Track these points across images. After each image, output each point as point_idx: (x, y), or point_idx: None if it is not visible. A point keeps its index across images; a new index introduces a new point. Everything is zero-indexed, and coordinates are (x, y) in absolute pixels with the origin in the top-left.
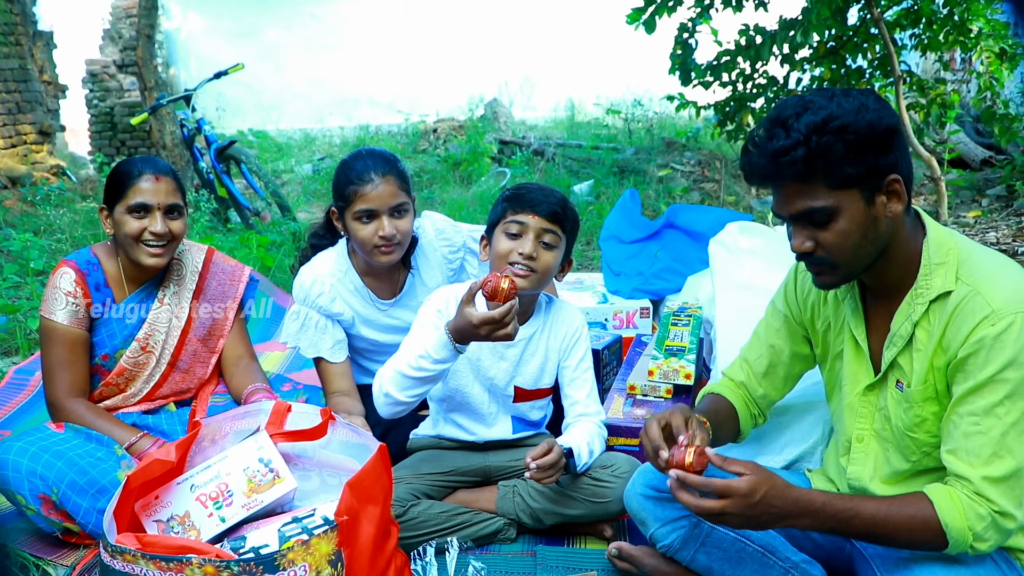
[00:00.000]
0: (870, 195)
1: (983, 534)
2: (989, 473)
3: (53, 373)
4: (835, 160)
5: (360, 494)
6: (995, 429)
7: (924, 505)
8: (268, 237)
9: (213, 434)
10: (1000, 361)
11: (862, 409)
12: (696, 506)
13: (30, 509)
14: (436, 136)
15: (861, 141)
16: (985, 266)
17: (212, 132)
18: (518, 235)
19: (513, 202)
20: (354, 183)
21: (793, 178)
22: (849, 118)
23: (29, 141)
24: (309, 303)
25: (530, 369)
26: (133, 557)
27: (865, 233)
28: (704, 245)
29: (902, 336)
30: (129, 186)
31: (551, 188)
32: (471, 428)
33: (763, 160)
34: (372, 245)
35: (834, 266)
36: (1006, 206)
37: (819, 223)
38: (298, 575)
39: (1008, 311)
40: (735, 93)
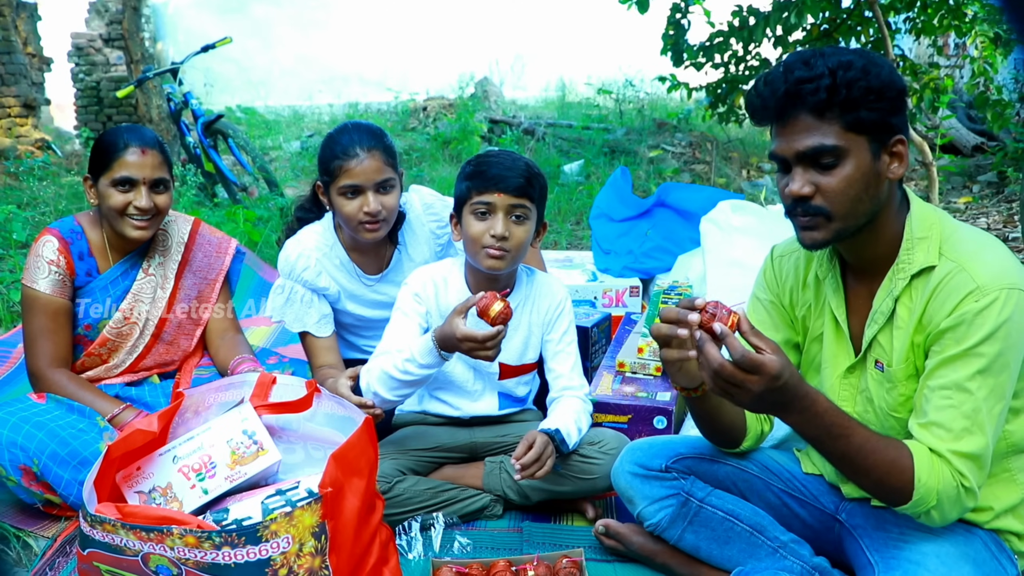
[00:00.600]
0: (877, 149)
1: (943, 503)
2: (959, 448)
3: (35, 343)
4: (857, 96)
5: (345, 466)
6: (967, 404)
7: (905, 454)
8: (255, 212)
9: (196, 405)
10: (979, 335)
11: (843, 392)
12: (720, 366)
13: (11, 480)
14: (426, 114)
15: (882, 89)
16: (969, 242)
17: (199, 106)
18: (487, 214)
19: (476, 180)
20: (339, 158)
21: (810, 110)
22: (872, 67)
23: (13, 114)
24: (294, 277)
25: (514, 345)
26: (113, 527)
27: (867, 186)
28: (695, 224)
29: (883, 313)
30: (115, 158)
31: (512, 156)
32: (456, 404)
33: (780, 89)
34: (357, 221)
35: (830, 217)
36: (997, 192)
37: (824, 166)
38: (281, 547)
39: (993, 287)
40: (727, 75)
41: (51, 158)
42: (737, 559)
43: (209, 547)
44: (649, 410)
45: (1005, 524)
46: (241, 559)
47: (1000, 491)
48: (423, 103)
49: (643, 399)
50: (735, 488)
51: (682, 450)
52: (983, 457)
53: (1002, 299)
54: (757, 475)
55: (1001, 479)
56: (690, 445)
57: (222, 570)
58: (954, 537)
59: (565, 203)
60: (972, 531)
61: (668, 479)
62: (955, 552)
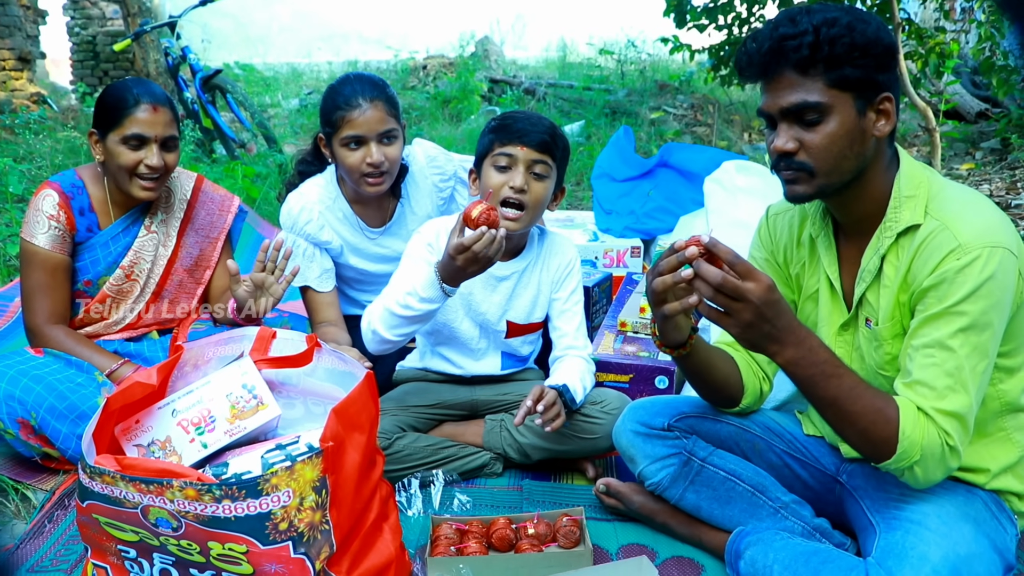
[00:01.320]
0: (863, 106)
1: (927, 459)
2: (942, 406)
3: (33, 298)
4: (840, 53)
5: (346, 421)
6: (949, 362)
7: (892, 405)
8: (254, 168)
9: (196, 359)
10: (960, 293)
11: (839, 350)
12: (723, 279)
13: (8, 433)
14: (426, 73)
15: (867, 46)
16: (955, 201)
17: (197, 61)
18: (507, 168)
19: (500, 133)
20: (341, 108)
21: (793, 67)
22: (858, 23)
23: (8, 68)
24: (296, 230)
25: (523, 303)
26: (112, 479)
27: (851, 143)
28: (698, 185)
29: (870, 271)
30: (125, 115)
31: (539, 115)
32: (459, 362)
33: (765, 46)
34: (360, 173)
35: (813, 173)
36: (1000, 159)
37: (808, 122)
38: (282, 500)
39: (975, 245)
40: (730, 37)
41: (47, 112)
42: (738, 519)
43: (209, 500)
44: (651, 369)
45: (1004, 484)
46: (241, 512)
47: (996, 451)
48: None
49: (645, 359)
50: (737, 448)
51: (685, 409)
52: (966, 416)
53: (984, 257)
54: (759, 436)
55: (997, 438)
56: (693, 404)
57: (222, 523)
58: (955, 497)
59: None
60: (973, 491)
61: (670, 438)
62: (956, 512)
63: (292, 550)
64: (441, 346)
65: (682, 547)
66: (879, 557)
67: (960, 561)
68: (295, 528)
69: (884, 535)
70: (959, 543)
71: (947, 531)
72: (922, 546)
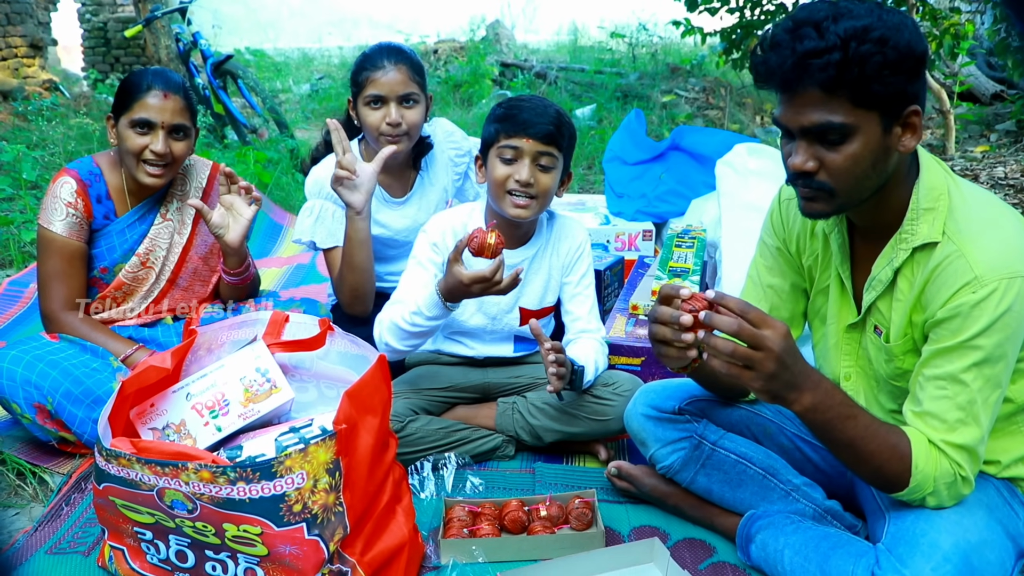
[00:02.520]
0: (889, 123)
1: (940, 490)
2: (953, 439)
3: (49, 285)
4: (870, 72)
5: (359, 404)
6: (962, 395)
7: (904, 440)
8: (265, 154)
9: (210, 343)
10: (975, 328)
11: (847, 347)
12: (738, 326)
13: (25, 418)
14: (437, 57)
15: (899, 60)
16: (974, 221)
17: (208, 47)
18: (513, 160)
19: (505, 123)
20: (367, 69)
21: (818, 85)
22: (891, 33)
23: (20, 54)
24: (324, 195)
25: (534, 289)
26: (128, 461)
27: (874, 163)
28: (709, 168)
29: (881, 281)
30: (135, 99)
31: (544, 102)
32: (471, 344)
33: (787, 61)
34: (379, 132)
35: (833, 193)
36: (1015, 141)
37: (830, 142)
38: (296, 482)
39: (991, 278)
40: (742, 20)
41: (59, 99)
42: (749, 502)
43: (224, 482)
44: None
45: (1018, 472)
46: (256, 494)
47: (1008, 444)
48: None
49: None
50: (748, 431)
51: (695, 392)
52: (977, 447)
53: (1001, 290)
54: (770, 419)
55: (1008, 432)
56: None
57: (237, 505)
58: None
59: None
60: (986, 478)
61: (681, 421)
62: (969, 498)
63: (306, 532)
64: (453, 333)
65: (694, 529)
66: (889, 543)
67: (971, 548)
68: (309, 510)
69: (894, 521)
70: (970, 530)
71: (958, 518)
72: (933, 533)
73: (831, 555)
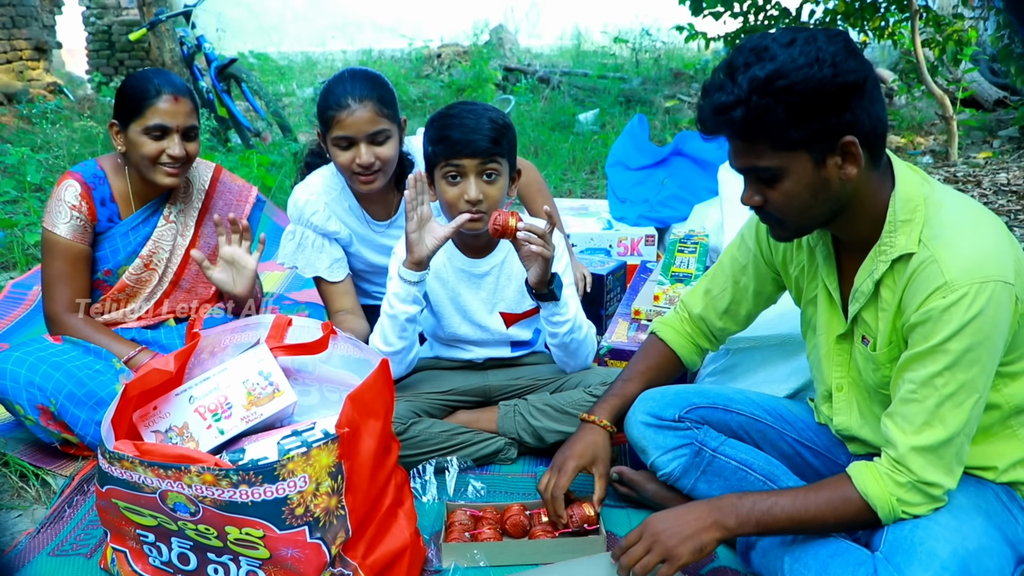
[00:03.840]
0: (820, 156)
1: (908, 498)
2: (917, 443)
3: (53, 287)
4: (775, 124)
5: (361, 407)
6: (931, 399)
7: (841, 483)
8: (269, 157)
9: (212, 346)
10: (945, 332)
11: (838, 357)
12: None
13: (28, 419)
14: (440, 62)
15: (806, 103)
16: (949, 227)
17: (212, 50)
18: (458, 178)
19: (442, 145)
20: (332, 108)
21: (736, 136)
22: (798, 76)
23: (25, 57)
24: (304, 222)
25: (510, 293)
26: (131, 464)
27: (814, 194)
28: (712, 174)
29: (864, 292)
30: (147, 106)
31: (475, 113)
32: (469, 348)
33: (706, 113)
34: (351, 172)
35: (783, 223)
36: (1018, 147)
37: (766, 180)
38: (298, 486)
39: (961, 283)
40: (746, 24)
41: (63, 102)
42: None
43: (226, 485)
44: None
45: (1016, 476)
46: (258, 497)
47: (1004, 448)
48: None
49: None
50: (748, 438)
51: (695, 400)
52: (942, 448)
53: (972, 294)
54: (771, 425)
55: (1003, 436)
56: (703, 395)
57: (239, 508)
58: (966, 489)
59: (580, 152)
60: (984, 484)
61: (681, 429)
62: (967, 504)
63: (308, 535)
64: (450, 339)
65: None
66: (887, 552)
67: (969, 556)
68: (311, 513)
69: (893, 529)
70: (969, 537)
71: (957, 525)
72: (931, 541)
73: (830, 563)
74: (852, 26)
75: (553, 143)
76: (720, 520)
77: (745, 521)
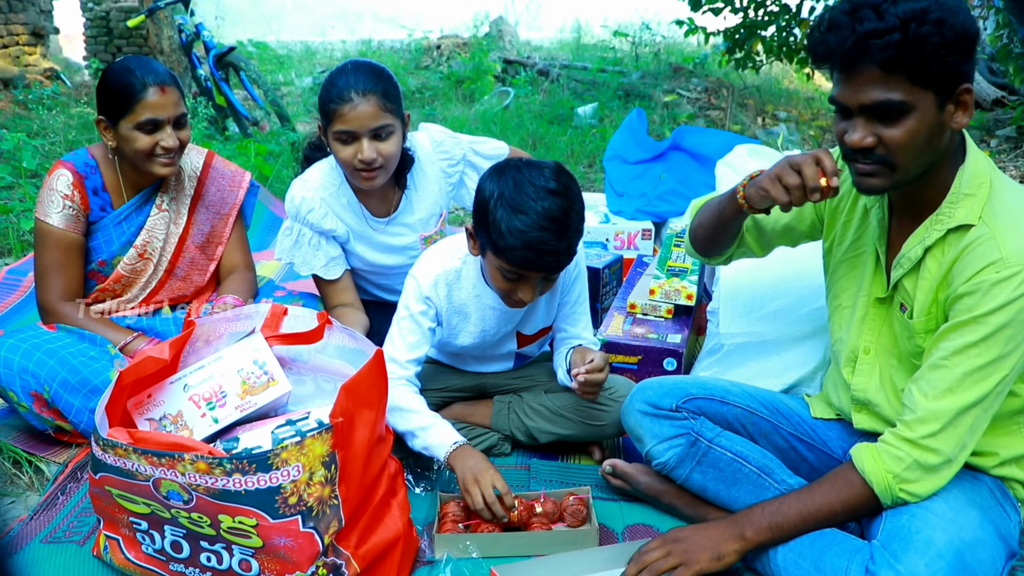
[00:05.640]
0: (943, 100)
1: (906, 475)
2: (938, 407)
3: (46, 276)
4: (928, 52)
5: (356, 398)
6: (960, 367)
7: (844, 468)
8: (267, 147)
9: (208, 335)
10: (991, 305)
11: (872, 322)
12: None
13: (22, 406)
14: (439, 53)
15: (956, 40)
16: (1011, 209)
17: (211, 38)
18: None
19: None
20: (334, 101)
21: (878, 65)
22: (948, 14)
23: (22, 42)
24: (300, 219)
25: (532, 316)
26: (125, 451)
27: (930, 138)
28: (710, 168)
29: (910, 259)
30: (136, 101)
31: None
32: (473, 362)
33: (848, 41)
34: (352, 168)
35: (893, 167)
36: (1015, 147)
37: (889, 119)
38: (291, 475)
39: (1016, 261)
40: (746, 20)
41: (60, 88)
42: (744, 500)
43: (220, 474)
44: (659, 351)
45: (1010, 472)
46: (252, 486)
47: (1008, 441)
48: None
49: (653, 340)
50: (744, 430)
51: (692, 391)
52: (956, 417)
53: (1022, 275)
54: (766, 418)
55: (1009, 430)
56: (700, 386)
57: (232, 496)
58: (960, 483)
59: (578, 145)
60: (978, 478)
61: (678, 419)
62: (962, 497)
63: (301, 524)
64: (451, 354)
65: None
66: (884, 540)
67: (965, 546)
68: (304, 502)
69: (890, 519)
70: (964, 528)
71: (953, 516)
72: (927, 530)
73: (826, 552)
74: None
75: (551, 136)
76: (738, 532)
77: (759, 528)
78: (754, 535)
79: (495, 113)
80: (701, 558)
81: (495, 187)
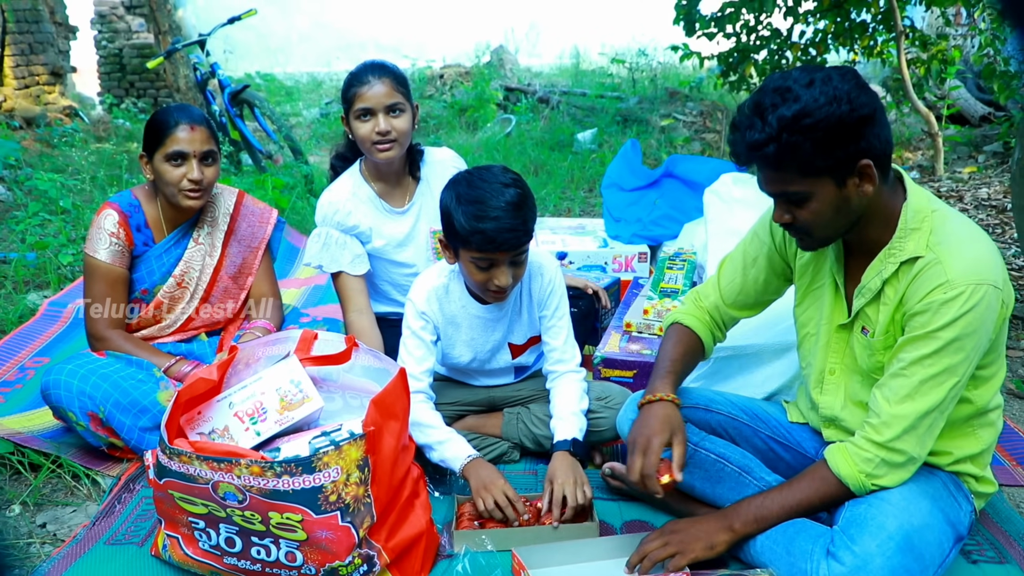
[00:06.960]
0: (841, 179)
1: (876, 472)
2: (899, 411)
3: (95, 307)
4: (804, 156)
5: (384, 410)
6: (916, 376)
7: (819, 468)
8: (281, 179)
9: (248, 358)
10: (941, 322)
11: (835, 345)
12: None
13: (80, 425)
14: (442, 82)
15: (830, 136)
16: (952, 236)
17: (227, 78)
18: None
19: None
20: (354, 86)
21: (768, 167)
22: (821, 114)
23: (42, 82)
24: (328, 223)
25: (519, 327)
26: (188, 459)
27: (837, 211)
28: (701, 194)
29: (871, 289)
30: (167, 135)
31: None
32: (478, 377)
33: (740, 147)
34: (370, 142)
35: (811, 235)
36: (1001, 162)
37: (795, 203)
38: (332, 476)
39: (960, 282)
40: (739, 44)
41: (79, 125)
42: (727, 496)
43: (271, 476)
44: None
45: (964, 468)
46: (298, 486)
47: (962, 442)
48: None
49: (648, 356)
50: (726, 434)
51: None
52: (916, 420)
53: (968, 293)
54: (746, 423)
55: (964, 433)
56: (687, 396)
57: (281, 495)
58: (916, 477)
59: (578, 171)
60: (934, 473)
61: None
62: (916, 489)
63: (340, 519)
64: (455, 371)
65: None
66: (843, 526)
67: (913, 530)
68: (343, 500)
69: (850, 507)
70: (915, 515)
71: (905, 504)
72: (881, 517)
73: (796, 538)
74: (842, 45)
75: (553, 162)
76: (727, 524)
77: (746, 520)
78: (742, 527)
79: (498, 140)
80: (695, 547)
81: (452, 192)
